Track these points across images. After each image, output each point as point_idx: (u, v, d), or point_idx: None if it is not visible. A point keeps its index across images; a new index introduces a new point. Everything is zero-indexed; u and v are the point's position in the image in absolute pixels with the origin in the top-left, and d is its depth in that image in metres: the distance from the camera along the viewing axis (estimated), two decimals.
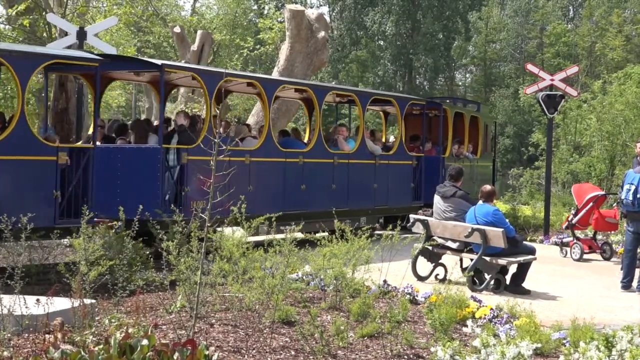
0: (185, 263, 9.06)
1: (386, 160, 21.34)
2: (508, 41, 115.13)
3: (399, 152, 22.19)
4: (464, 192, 14.74)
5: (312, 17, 26.19)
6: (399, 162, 22.01)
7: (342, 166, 19.57)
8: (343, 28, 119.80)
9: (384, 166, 21.19)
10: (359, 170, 20.19)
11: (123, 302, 9.86)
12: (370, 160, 20.74)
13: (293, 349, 8.55)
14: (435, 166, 23.37)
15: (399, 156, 22.07)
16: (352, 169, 19.94)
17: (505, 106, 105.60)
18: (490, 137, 29.69)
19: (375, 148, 21.05)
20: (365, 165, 20.56)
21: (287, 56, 25.65)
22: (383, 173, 21.14)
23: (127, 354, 6.75)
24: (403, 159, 22.28)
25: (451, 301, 10.56)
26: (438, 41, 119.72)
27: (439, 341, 8.98)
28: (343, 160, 19.69)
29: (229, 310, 9.93)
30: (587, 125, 37.39)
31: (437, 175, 22.75)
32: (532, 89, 23.38)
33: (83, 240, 9.58)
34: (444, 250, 14.54)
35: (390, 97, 24.15)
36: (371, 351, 8.81)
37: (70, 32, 18.21)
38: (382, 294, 11.54)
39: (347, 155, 19.85)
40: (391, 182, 21.49)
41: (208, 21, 50.79)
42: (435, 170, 23.13)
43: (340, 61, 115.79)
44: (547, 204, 22.59)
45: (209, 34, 34.21)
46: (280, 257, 10.03)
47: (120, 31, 37.31)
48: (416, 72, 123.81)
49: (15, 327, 8.17)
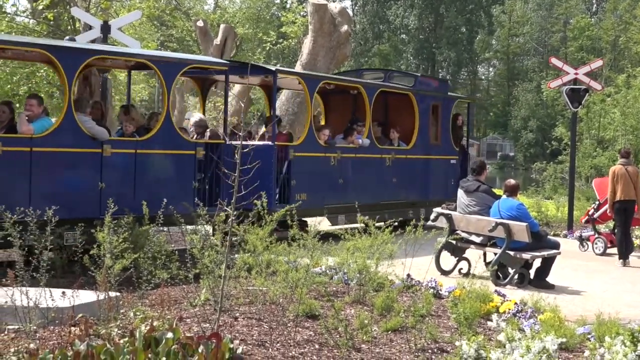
0: (210, 257, 9.08)
1: None
2: (531, 35, 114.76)
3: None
4: (488, 186, 14.71)
5: (335, 11, 26.19)
6: None
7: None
8: (366, 22, 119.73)
9: None
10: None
11: (147, 295, 9.88)
12: None
13: (317, 343, 8.55)
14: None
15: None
16: None
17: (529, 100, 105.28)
18: (459, 123, 23.66)
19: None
20: None
21: (309, 50, 25.67)
22: None
23: (152, 346, 6.77)
24: None
25: (475, 295, 10.53)
26: (461, 35, 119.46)
27: (463, 335, 8.96)
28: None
29: (253, 304, 9.94)
30: (610, 119, 37.24)
31: None
32: (556, 83, 23.26)
33: (107, 233, 9.59)
34: (467, 244, 14.51)
35: (296, 74, 19.86)
36: (395, 345, 8.80)
37: (95, 26, 18.25)
38: (406, 288, 11.53)
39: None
40: None
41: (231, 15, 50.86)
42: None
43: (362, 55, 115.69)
44: (571, 199, 22.49)
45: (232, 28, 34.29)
46: (304, 251, 10.03)
47: (143, 25, 37.40)
48: (439, 65, 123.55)
49: (41, 319, 8.21)
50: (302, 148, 17.68)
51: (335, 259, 11.42)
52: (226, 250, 8.43)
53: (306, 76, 19.04)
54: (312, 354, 8.13)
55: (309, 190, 17.56)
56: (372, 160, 19.70)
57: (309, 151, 17.84)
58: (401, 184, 20.56)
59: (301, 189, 17.31)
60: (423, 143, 21.64)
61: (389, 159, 20.23)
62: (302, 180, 17.47)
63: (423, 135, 21.62)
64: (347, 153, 18.94)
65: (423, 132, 21.60)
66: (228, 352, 7.11)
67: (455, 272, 14.28)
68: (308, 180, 17.67)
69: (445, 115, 22.54)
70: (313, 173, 17.96)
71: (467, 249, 14.53)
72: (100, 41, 17.81)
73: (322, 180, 18.18)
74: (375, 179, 19.80)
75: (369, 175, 19.56)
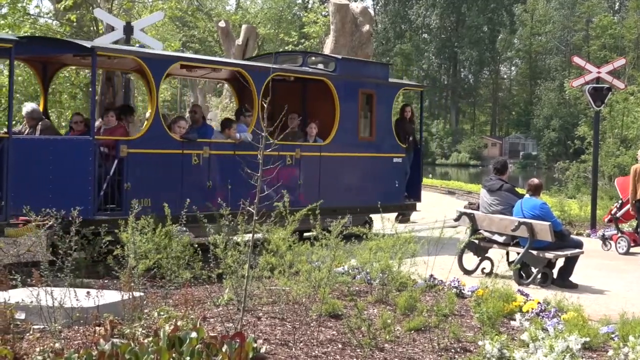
0: (233, 256, 9.11)
1: None
2: (553, 34, 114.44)
3: None
4: (511, 185, 14.67)
5: (357, 11, 26.20)
6: None
7: None
8: (387, 21, 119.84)
9: None
10: None
11: (171, 295, 9.92)
12: None
13: (340, 342, 8.56)
14: None
15: None
16: None
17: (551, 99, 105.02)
18: (407, 115, 20.59)
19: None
20: None
21: (331, 50, 25.66)
22: None
23: (177, 346, 6.81)
24: None
25: (498, 295, 10.51)
26: (483, 34, 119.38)
27: (487, 335, 8.95)
28: None
29: (276, 304, 9.95)
30: (634, 117, 37.04)
31: None
32: (578, 82, 23.18)
33: (131, 234, 9.64)
34: (490, 243, 14.48)
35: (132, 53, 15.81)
36: (418, 344, 8.80)
37: (117, 27, 18.35)
38: (429, 287, 11.51)
39: None
40: None
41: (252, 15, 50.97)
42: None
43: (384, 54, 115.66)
44: (594, 198, 22.39)
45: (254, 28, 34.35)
46: (327, 251, 10.04)
47: (165, 26, 37.52)
48: (461, 65, 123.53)
49: (65, 319, 8.26)
50: (143, 144, 14.43)
51: (357, 258, 11.43)
52: (249, 250, 8.46)
53: (149, 56, 15.25)
54: (335, 354, 8.14)
55: (155, 195, 14.04)
56: (263, 158, 16.30)
57: (153, 147, 14.58)
58: (311, 187, 17.31)
59: (141, 193, 13.79)
60: (347, 138, 18.32)
61: (291, 157, 17.02)
62: (143, 183, 14.32)
63: (347, 129, 18.23)
64: (221, 150, 15.81)
65: (347, 125, 18.21)
66: (251, 352, 7.14)
67: (478, 272, 14.26)
68: (153, 183, 14.50)
69: (384, 105, 19.32)
70: (162, 175, 14.73)
71: (489, 248, 14.51)
72: (123, 42, 17.90)
73: (179, 183, 14.84)
74: (268, 181, 16.33)
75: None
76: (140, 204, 12.28)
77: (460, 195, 38.79)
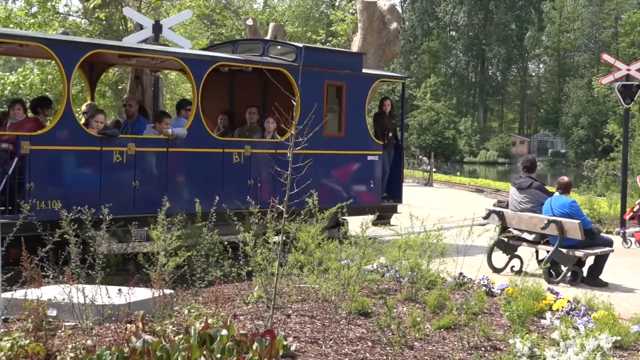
0: (262, 254, 9.13)
1: None
2: (582, 31, 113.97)
3: None
4: (540, 183, 14.63)
5: (384, 9, 26.14)
6: None
7: None
8: (415, 19, 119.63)
9: None
10: None
11: (201, 293, 9.96)
12: None
13: (370, 340, 8.57)
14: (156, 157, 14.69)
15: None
16: None
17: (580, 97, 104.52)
18: (386, 110, 18.99)
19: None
20: None
21: (359, 48, 25.62)
22: None
23: (207, 343, 6.84)
24: None
25: (528, 293, 10.48)
26: (511, 31, 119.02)
27: (517, 333, 8.93)
28: None
29: (306, 301, 9.98)
30: None
31: None
32: (607, 79, 23.08)
33: (161, 231, 9.68)
34: (519, 242, 14.44)
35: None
36: (448, 343, 8.79)
37: (146, 25, 18.40)
38: (458, 285, 11.50)
39: None
40: None
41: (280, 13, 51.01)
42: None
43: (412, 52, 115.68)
44: (624, 196, 22.28)
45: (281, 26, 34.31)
46: (356, 249, 10.05)
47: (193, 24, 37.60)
48: (489, 62, 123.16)
49: (96, 316, 8.31)
50: (49, 140, 12.98)
51: (386, 256, 11.43)
52: (279, 248, 8.48)
53: (54, 43, 13.56)
54: (364, 351, 8.15)
55: (66, 197, 12.62)
56: (201, 155, 15.05)
57: (62, 144, 13.16)
58: (265, 187, 15.71)
59: (48, 195, 12.71)
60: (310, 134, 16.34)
61: (239, 154, 15.50)
62: (50, 183, 12.94)
63: (309, 124, 16.17)
64: (151, 146, 14.40)
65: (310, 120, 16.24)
66: (282, 349, 7.17)
67: (507, 270, 14.23)
68: (64, 183, 13.15)
69: (356, 98, 17.60)
70: (75, 174, 13.35)
71: (519, 246, 14.47)
72: (152, 41, 17.96)
73: (97, 183, 13.48)
74: (209, 180, 15.03)
75: (196, 175, 14.92)
76: (48, 205, 12.37)
77: (488, 193, 38.76)
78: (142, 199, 13.30)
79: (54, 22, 26.04)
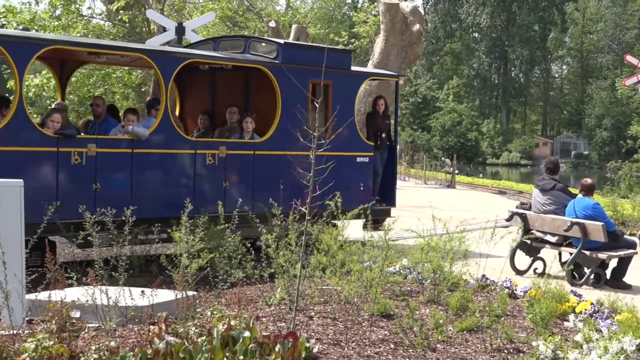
0: (284, 256, 9.14)
1: None
2: (605, 32, 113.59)
3: None
4: (564, 185, 14.59)
5: (407, 10, 26.18)
6: None
7: None
8: (437, 20, 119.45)
9: None
10: None
11: (224, 294, 9.98)
12: None
13: (392, 342, 8.56)
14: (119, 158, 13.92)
15: None
16: None
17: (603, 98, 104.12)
18: (379, 109, 18.33)
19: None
20: None
21: (381, 49, 25.67)
22: None
23: (230, 345, 6.85)
24: None
25: (551, 295, 10.44)
26: (534, 33, 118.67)
27: (540, 336, 8.91)
28: None
29: (328, 303, 9.98)
30: None
31: None
32: (631, 81, 23.05)
33: (184, 233, 9.70)
34: (542, 244, 14.41)
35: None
36: (470, 345, 8.77)
37: (169, 27, 18.51)
38: (481, 287, 11.47)
39: None
40: None
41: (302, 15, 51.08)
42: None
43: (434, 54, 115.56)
44: None
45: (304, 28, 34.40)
46: (378, 251, 10.05)
47: (216, 26, 37.72)
48: (511, 64, 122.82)
49: (120, 318, 8.34)
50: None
51: (409, 258, 11.42)
52: (301, 250, 8.49)
53: (8, 40, 12.78)
54: (387, 354, 8.15)
55: None
56: (170, 157, 14.41)
57: (14, 145, 12.50)
58: (242, 190, 15.07)
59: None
60: (291, 135, 14.68)
61: (212, 155, 14.82)
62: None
63: (291, 124, 14.99)
64: (114, 147, 13.74)
65: (291, 120, 15.16)
66: (304, 351, 7.17)
67: (530, 272, 14.20)
68: None
69: (344, 97, 16.70)
70: (28, 176, 11.78)
71: (542, 248, 14.44)
72: (175, 42, 18.03)
73: (52, 185, 12.82)
74: (179, 183, 14.47)
75: (165, 178, 14.30)
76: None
77: (511, 195, 38.67)
78: (104, 202, 11.80)
79: (78, 25, 26.18)
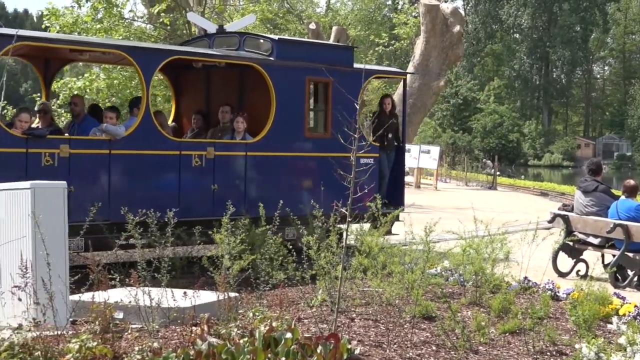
0: (326, 258, 9.15)
1: None
2: None
3: None
4: (606, 187, 14.48)
5: (447, 12, 26.13)
6: None
7: None
8: (478, 22, 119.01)
9: None
10: None
11: (265, 296, 10.00)
12: None
13: (434, 344, 8.54)
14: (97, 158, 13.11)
15: None
16: None
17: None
18: (386, 108, 17.36)
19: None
20: None
21: (422, 51, 25.65)
22: None
23: (272, 346, 6.87)
24: None
25: (594, 297, 10.36)
26: (575, 33, 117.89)
27: (583, 338, 8.85)
28: None
29: (369, 305, 9.97)
30: None
31: None
32: None
33: (225, 235, 9.73)
34: (585, 246, 14.32)
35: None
36: (513, 347, 8.74)
37: (210, 30, 18.53)
38: (523, 289, 11.41)
39: None
40: None
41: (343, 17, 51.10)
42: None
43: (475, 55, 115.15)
44: None
45: (344, 30, 34.41)
46: (419, 252, 10.03)
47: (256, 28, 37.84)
48: (553, 65, 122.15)
49: (162, 319, 8.39)
50: None
51: (450, 260, 11.39)
52: (342, 251, 8.50)
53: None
54: (429, 355, 8.14)
55: None
56: (152, 158, 13.62)
57: None
58: (233, 193, 14.10)
59: None
60: (288, 135, 15.09)
61: (199, 156, 14.00)
62: None
63: (287, 124, 15.01)
64: (90, 148, 13.06)
65: (288, 119, 15.00)
66: (346, 353, 7.17)
67: (572, 274, 14.11)
68: None
69: (346, 95, 14.80)
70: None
71: (584, 250, 14.35)
72: None
73: None
74: (162, 186, 13.77)
75: (147, 180, 13.57)
76: None
77: (553, 196, 38.49)
78: (78, 205, 11.33)
79: (120, 28, 26.38)
